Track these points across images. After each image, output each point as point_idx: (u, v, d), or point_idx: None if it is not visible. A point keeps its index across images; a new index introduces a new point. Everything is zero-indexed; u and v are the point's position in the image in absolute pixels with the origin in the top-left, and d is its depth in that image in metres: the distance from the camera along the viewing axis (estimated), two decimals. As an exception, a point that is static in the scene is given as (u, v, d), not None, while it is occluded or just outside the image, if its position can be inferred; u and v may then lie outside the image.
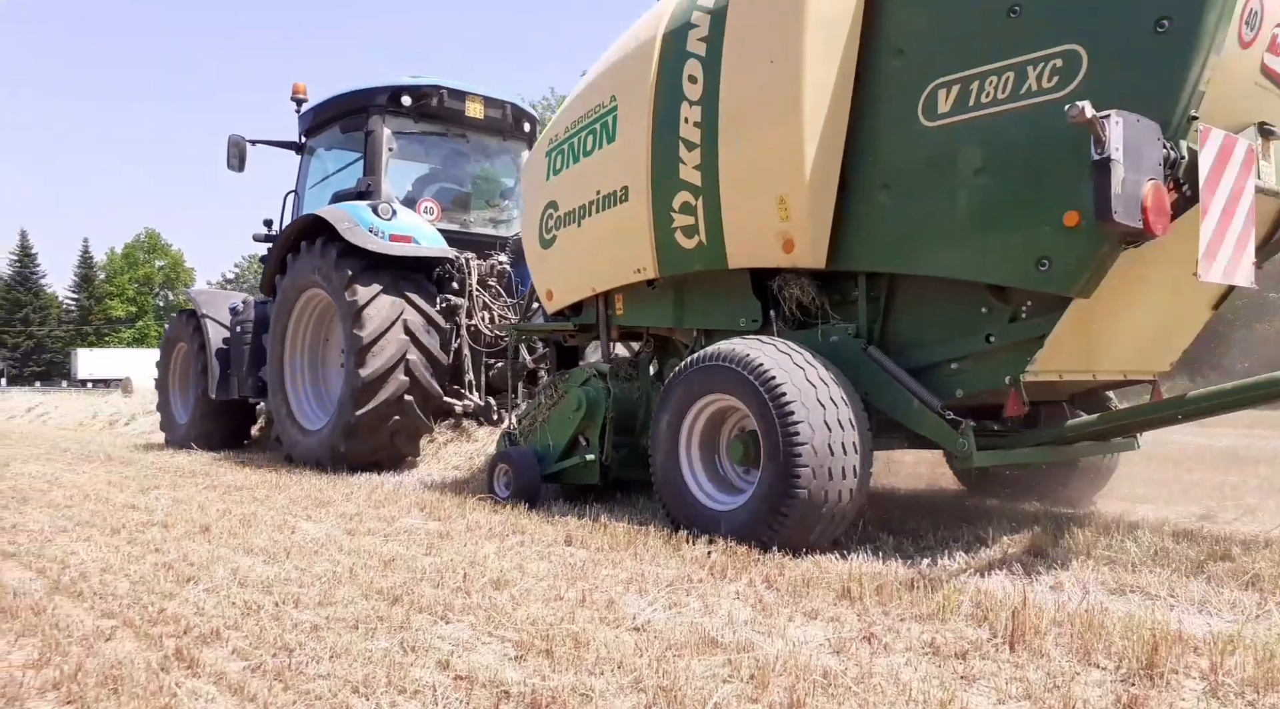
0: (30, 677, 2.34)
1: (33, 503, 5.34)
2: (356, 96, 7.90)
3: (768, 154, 4.15)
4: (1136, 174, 3.10)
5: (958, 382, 3.87)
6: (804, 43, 3.95)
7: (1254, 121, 3.59)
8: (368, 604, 3.01)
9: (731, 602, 2.98)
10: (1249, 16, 3.36)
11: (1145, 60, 3.28)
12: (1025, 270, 3.50)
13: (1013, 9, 3.55)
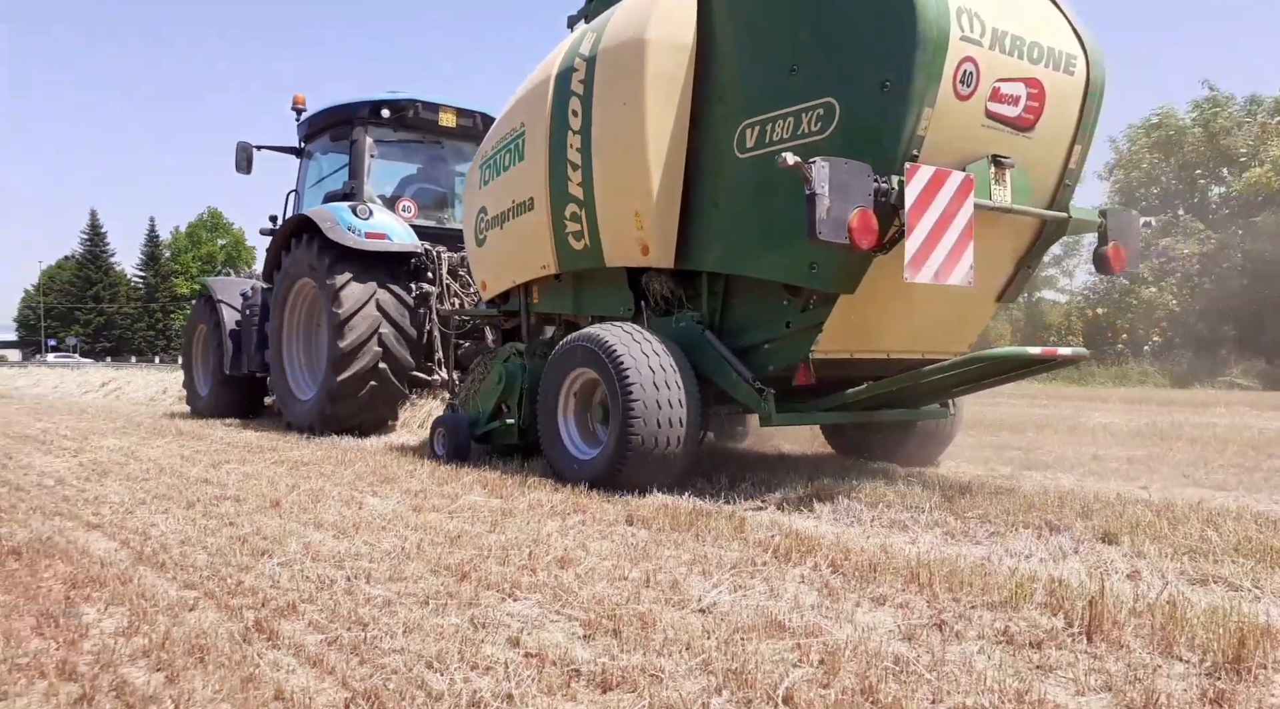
0: (121, 644, 2.43)
1: (112, 476, 5.53)
2: (343, 109, 9.08)
3: (624, 177, 5.14)
4: (844, 203, 3.97)
5: (769, 359, 4.83)
6: (645, 92, 4.96)
7: (987, 154, 4.39)
8: (436, 580, 3.06)
9: (797, 585, 2.97)
10: (963, 76, 4.19)
11: (876, 113, 4.17)
12: (802, 273, 4.45)
13: (792, 68, 4.51)
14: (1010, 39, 4.34)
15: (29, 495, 4.84)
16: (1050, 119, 4.59)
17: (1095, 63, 4.69)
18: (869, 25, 4.24)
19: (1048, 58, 4.50)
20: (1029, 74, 4.44)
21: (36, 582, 3.07)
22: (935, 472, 5.54)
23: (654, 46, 4.96)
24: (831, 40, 4.39)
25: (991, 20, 4.28)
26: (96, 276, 74.34)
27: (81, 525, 4.04)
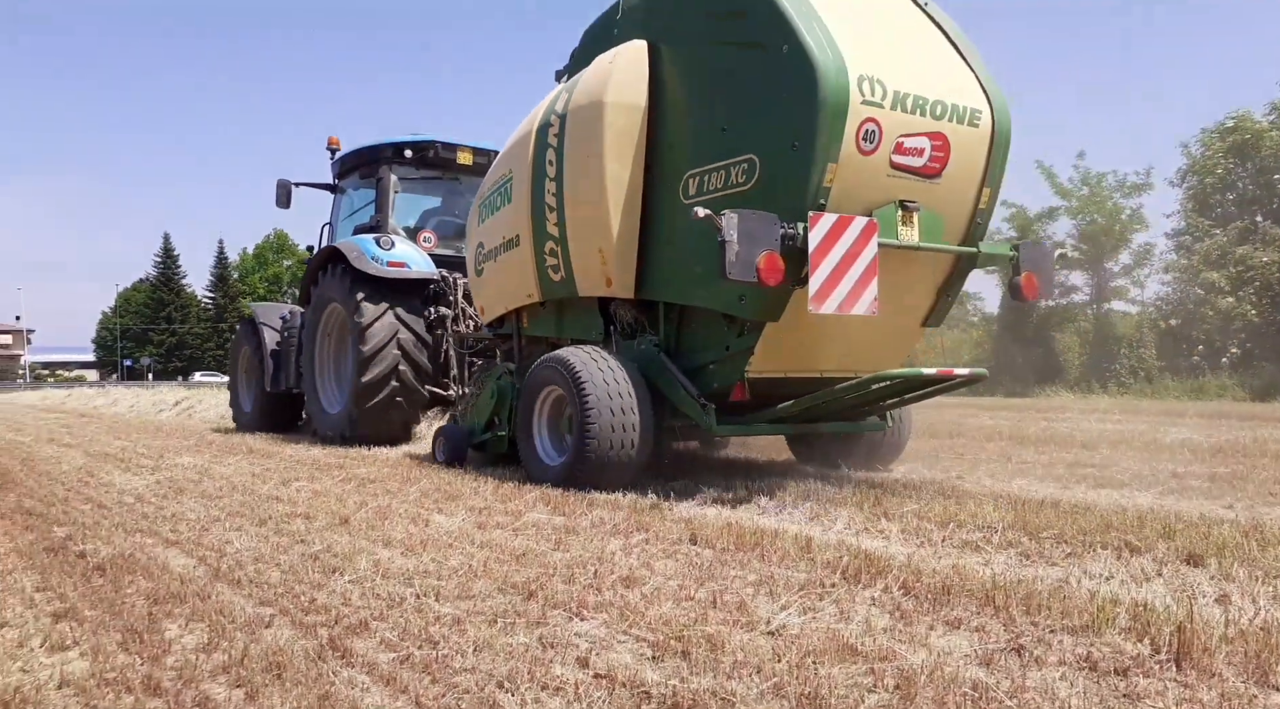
0: (202, 660, 2.49)
1: (188, 493, 5.69)
2: (370, 150, 9.97)
3: (590, 219, 5.84)
4: (752, 247, 4.63)
5: (713, 377, 5.49)
6: (604, 146, 5.67)
7: (894, 200, 5.03)
8: (504, 598, 3.08)
9: (868, 608, 2.91)
10: (865, 134, 4.84)
11: (787, 168, 4.84)
12: (734, 304, 5.11)
13: (723, 128, 5.22)
14: (913, 100, 5.01)
15: (111, 512, 5.01)
16: (957, 166, 5.22)
17: (1000, 115, 5.34)
18: (781, 93, 4.88)
19: (951, 114, 5.16)
20: (933, 129, 5.10)
21: (120, 597, 3.16)
22: (1007, 487, 5.40)
23: (611, 107, 5.67)
24: (753, 105, 5.07)
25: (894, 84, 4.93)
26: (169, 298, 76.96)
27: (161, 542, 4.16)
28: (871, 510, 4.55)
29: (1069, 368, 21.61)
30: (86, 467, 7.41)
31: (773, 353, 5.22)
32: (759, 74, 5.02)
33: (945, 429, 9.73)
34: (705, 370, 5.54)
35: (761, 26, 4.99)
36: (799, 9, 4.89)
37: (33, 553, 3.95)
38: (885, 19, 5.43)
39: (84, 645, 2.66)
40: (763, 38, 4.98)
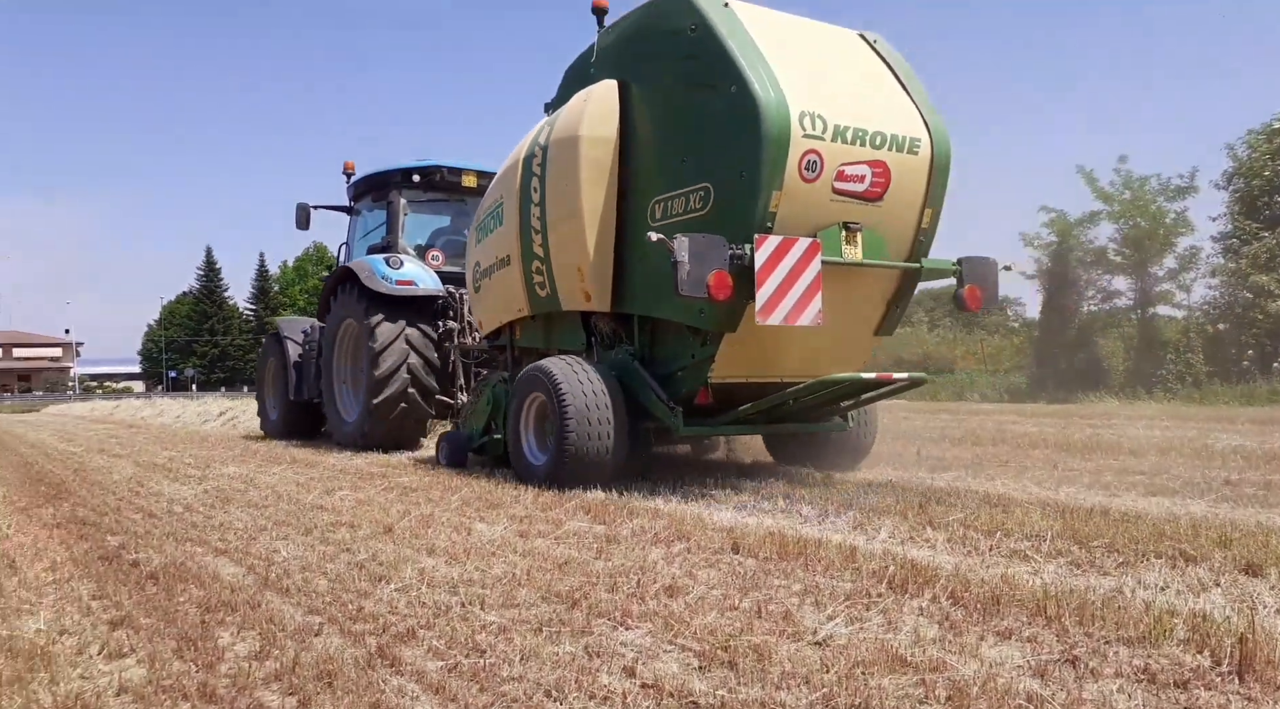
0: (255, 668, 2.53)
1: (234, 503, 5.79)
2: (381, 175, 10.59)
3: (569, 241, 6.37)
4: (702, 267, 5.15)
5: (681, 383, 6.01)
6: (580, 175, 6.20)
7: (838, 222, 5.55)
8: (548, 607, 3.08)
9: (916, 618, 2.88)
10: (807, 165, 5.35)
11: (737, 195, 5.38)
12: (694, 316, 5.65)
13: (682, 159, 5.79)
14: (853, 132, 5.54)
15: (161, 522, 5.10)
16: (898, 190, 5.74)
17: (939, 143, 5.86)
18: (730, 128, 5.43)
19: (891, 143, 5.68)
20: (873, 158, 5.62)
21: (174, 605, 3.22)
22: (1054, 495, 5.30)
23: (585, 141, 6.22)
24: (707, 138, 5.62)
25: (835, 118, 5.48)
26: (211, 310, 78.42)
27: (210, 551, 4.23)
28: (916, 519, 4.49)
29: (1113, 373, 21.18)
30: (136, 476, 7.56)
31: (733, 360, 5.76)
32: (712, 111, 5.56)
33: (988, 436, 9.59)
34: (674, 377, 6.08)
35: (713, 69, 5.52)
36: (746, 54, 5.40)
37: (88, 561, 4.04)
38: (833, 57, 6.00)
39: (140, 653, 2.71)
40: (714, 79, 5.51)
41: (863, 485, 5.75)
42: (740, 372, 5.87)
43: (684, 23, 5.75)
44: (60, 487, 7.01)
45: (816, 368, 5.93)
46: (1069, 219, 22.45)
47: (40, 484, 7.31)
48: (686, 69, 5.78)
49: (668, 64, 5.96)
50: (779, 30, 5.82)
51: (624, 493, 5.69)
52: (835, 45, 6.11)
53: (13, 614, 3.17)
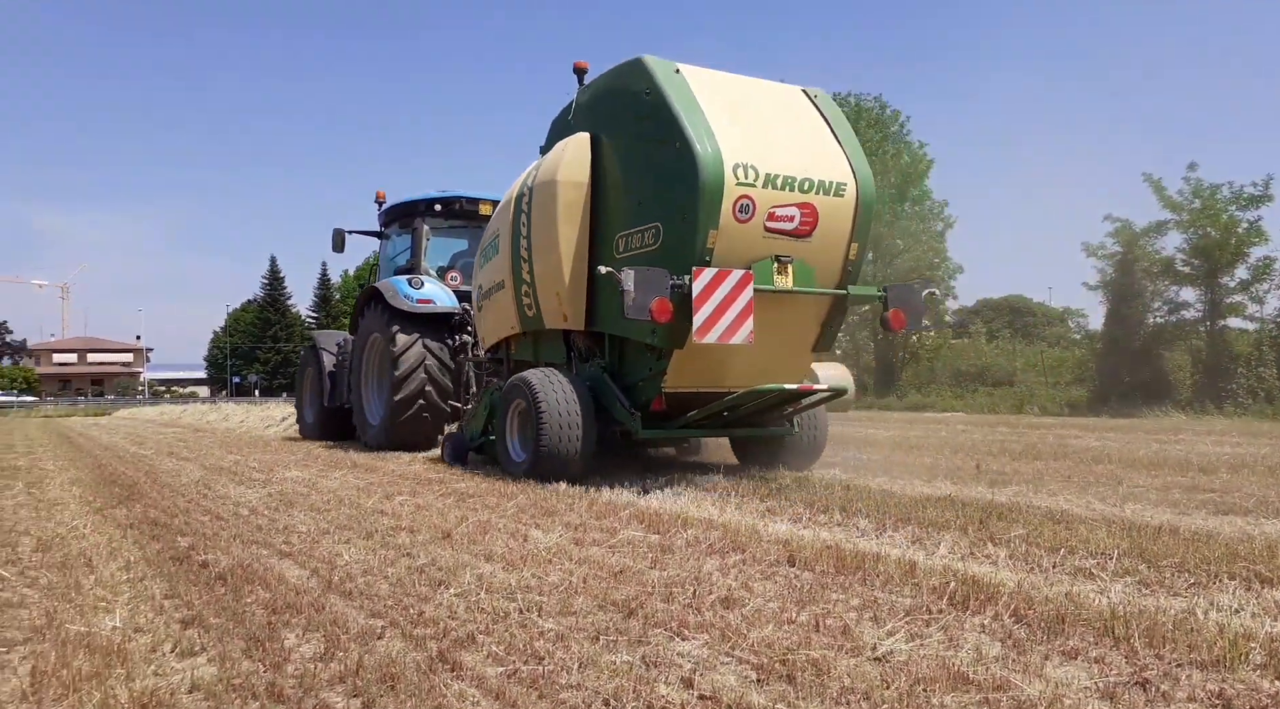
0: (320, 669, 2.58)
1: (297, 506, 5.92)
2: (407, 204, 11.73)
3: (550, 269, 7.36)
4: (646, 295, 6.11)
5: (642, 393, 6.97)
6: (558, 214, 7.20)
7: (771, 255, 6.49)
8: (604, 616, 3.10)
9: (978, 635, 2.83)
10: (741, 207, 6.31)
11: (680, 234, 6.35)
12: (649, 335, 6.58)
13: (639, 201, 6.76)
14: (782, 179, 6.48)
15: (228, 524, 5.24)
16: (825, 228, 6.69)
17: (864, 186, 6.83)
18: (675, 177, 6.38)
19: (819, 188, 6.63)
20: (801, 201, 6.57)
21: (241, 606, 3.31)
22: (1119, 512, 5.16)
23: (562, 185, 7.22)
24: (658, 184, 6.60)
25: (766, 168, 6.43)
26: (275, 318, 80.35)
27: (275, 553, 4.33)
28: (976, 534, 4.41)
29: (1180, 387, 20.54)
30: (203, 479, 7.78)
31: (683, 373, 6.71)
32: (662, 162, 6.53)
33: (1049, 451, 9.39)
34: (636, 387, 7.04)
35: (662, 127, 6.48)
36: (690, 115, 6.36)
37: (160, 562, 4.17)
38: (774, 113, 6.91)
39: (211, 652, 2.79)
40: (663, 136, 6.47)
41: (921, 499, 5.66)
42: (691, 383, 6.82)
43: (641, 87, 6.73)
44: (132, 488, 7.25)
45: (760, 379, 6.78)
46: (1134, 229, 21.87)
47: (114, 485, 7.56)
48: (643, 126, 6.75)
49: (629, 121, 6.94)
50: (726, 91, 6.80)
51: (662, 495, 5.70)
52: (778, 102, 7.07)
53: (90, 611, 3.29)
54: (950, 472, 7.38)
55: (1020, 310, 52.73)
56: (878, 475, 7.20)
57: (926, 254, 27.79)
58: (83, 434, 17.63)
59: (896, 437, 11.95)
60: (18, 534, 5.03)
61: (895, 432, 13.16)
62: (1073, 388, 22.99)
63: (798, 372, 7.13)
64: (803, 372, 7.25)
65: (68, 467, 9.65)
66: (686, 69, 6.72)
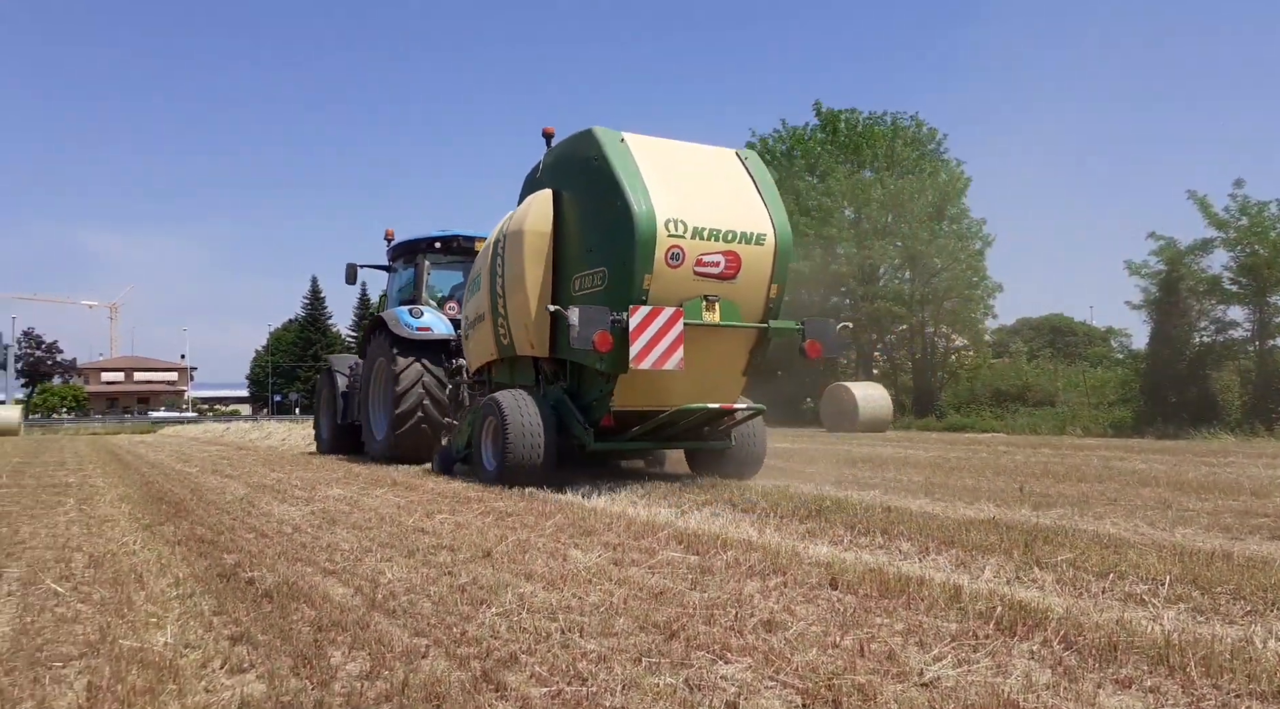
0: (366, 687, 2.61)
1: (340, 524, 5.99)
2: (412, 242, 13.11)
3: (519, 305, 8.54)
4: (589, 329, 7.27)
5: (594, 411, 8.13)
6: (525, 258, 8.38)
7: (700, 295, 7.64)
8: (646, 637, 3.09)
9: (1027, 662, 2.78)
10: (671, 255, 7.43)
11: (620, 278, 7.46)
12: (598, 361, 7.66)
13: (590, 249, 7.94)
14: (709, 231, 7.63)
15: (272, 542, 5.32)
16: (748, 272, 7.84)
17: (782, 236, 7.97)
18: (617, 229, 7.52)
19: (741, 237, 7.77)
20: (726, 249, 7.72)
21: (288, 623, 3.35)
22: (1169, 537, 5.04)
23: (528, 234, 8.41)
24: (604, 234, 7.77)
25: (694, 221, 7.58)
26: (315, 337, 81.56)
27: (319, 571, 4.38)
28: (1022, 558, 4.34)
29: (1228, 408, 20.04)
30: (248, 497, 7.90)
31: (628, 394, 7.83)
32: (607, 216, 7.66)
33: (1093, 473, 9.21)
34: (591, 406, 8.19)
35: (608, 188, 7.62)
36: (629, 178, 7.51)
37: (208, 578, 4.24)
38: (706, 173, 8.11)
39: (259, 669, 2.83)
40: (608, 195, 7.62)
41: (963, 522, 5.59)
42: (635, 402, 7.91)
43: (592, 153, 7.89)
44: (179, 505, 7.38)
45: (697, 400, 7.93)
46: (1179, 246, 21.46)
47: (161, 502, 7.70)
48: (593, 186, 7.89)
49: (582, 181, 8.12)
50: (664, 156, 7.96)
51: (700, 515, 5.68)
52: (710, 163, 8.24)
53: (142, 627, 3.35)
54: (993, 494, 7.28)
55: (1061, 329, 51.92)
56: (918, 497, 7.11)
57: (965, 272, 27.49)
58: (130, 452, 17.98)
59: (936, 457, 11.80)
60: (70, 550, 5.14)
61: (935, 452, 12.99)
62: (1116, 408, 22.52)
63: (730, 393, 8.27)
64: (734, 393, 8.34)
65: (117, 483, 9.86)
66: (631, 138, 7.93)
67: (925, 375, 28.63)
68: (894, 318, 28.19)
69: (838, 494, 7.29)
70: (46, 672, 2.84)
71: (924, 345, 28.83)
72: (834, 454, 12.66)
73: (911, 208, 28.07)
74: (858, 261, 28.63)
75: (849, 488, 7.81)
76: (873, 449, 13.98)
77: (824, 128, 34.04)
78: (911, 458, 11.77)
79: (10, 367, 70.60)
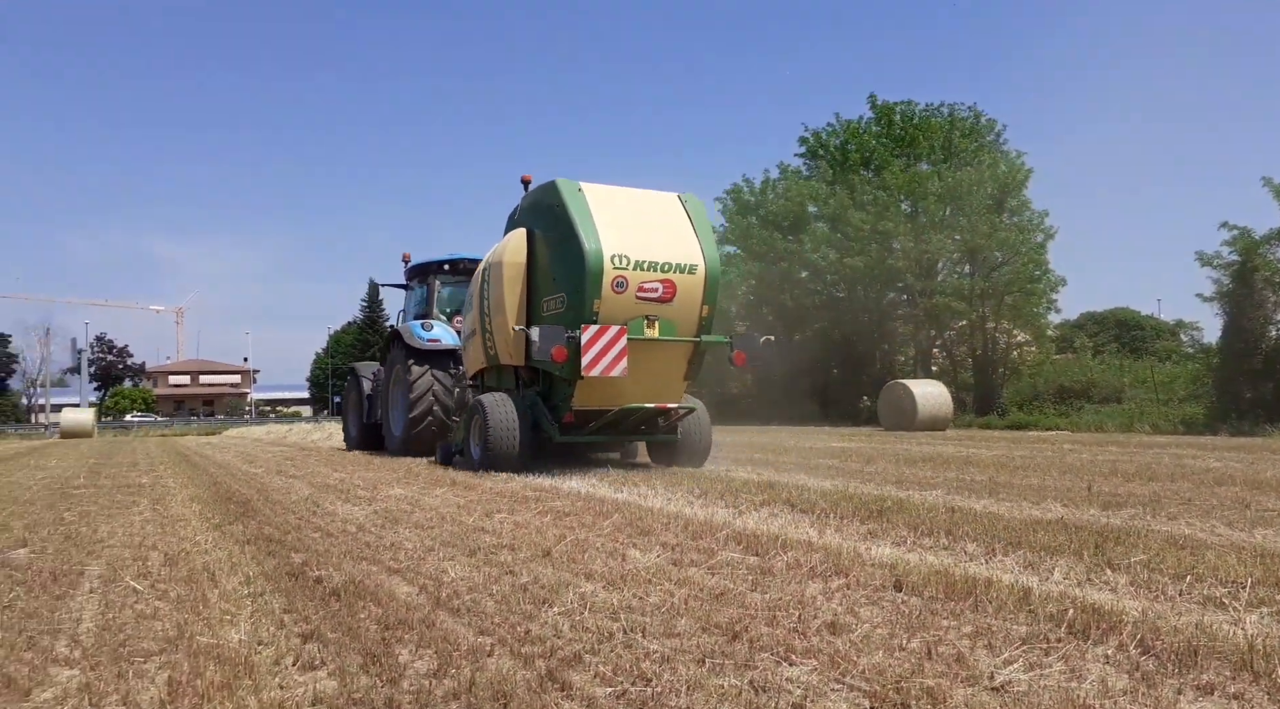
0: (434, 685, 2.65)
1: (402, 523, 6.09)
2: (423, 264, 15.26)
3: (501, 323, 10.29)
4: (548, 344, 9.10)
5: (560, 410, 9.79)
6: (504, 284, 10.18)
7: (642, 315, 9.37)
8: (709, 638, 3.09)
9: (1101, 666, 2.71)
10: (616, 284, 9.16)
11: (576, 301, 9.26)
12: (560, 369, 9.37)
13: (554, 278, 9.69)
14: (649, 263, 9.37)
15: (338, 541, 5.43)
16: (682, 296, 9.55)
17: (711, 266, 9.66)
18: (573, 262, 9.31)
19: (676, 268, 9.50)
20: (663, 277, 9.45)
21: (355, 621, 3.42)
22: (1248, 539, 4.86)
23: (506, 265, 10.25)
24: (565, 266, 9.52)
25: (637, 255, 9.33)
26: (373, 339, 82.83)
27: (384, 570, 4.46)
28: (1092, 560, 4.23)
29: (1309, 404, 19.26)
30: (312, 497, 8.07)
31: (587, 396, 9.53)
32: (566, 252, 9.44)
33: (1165, 472, 8.93)
34: (557, 406, 9.91)
35: (566, 229, 9.41)
36: (583, 221, 9.27)
37: (277, 577, 4.35)
38: (649, 214, 9.80)
39: (330, 666, 2.89)
40: (566, 235, 9.41)
41: (1030, 522, 5.46)
42: (592, 403, 9.61)
43: (554, 201, 9.64)
44: (247, 505, 7.58)
45: (644, 401, 9.70)
46: (1254, 236, 20.70)
47: (229, 502, 7.91)
48: (556, 227, 9.66)
49: (548, 222, 9.87)
50: (614, 201, 9.66)
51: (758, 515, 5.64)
52: (654, 206, 9.95)
53: (216, 624, 3.45)
54: (1059, 493, 7.10)
55: (1127, 323, 50.42)
56: (982, 497, 6.97)
57: (1026, 266, 26.85)
58: (198, 453, 18.52)
59: (1000, 456, 11.56)
60: (146, 549, 5.31)
61: (998, 451, 12.73)
62: (1187, 405, 21.80)
63: (673, 395, 9.99)
64: (677, 395, 10.04)
65: (187, 484, 10.16)
66: (587, 187, 9.65)
67: (986, 372, 28.05)
68: (953, 313, 27.67)
69: (899, 494, 7.19)
70: (130, 666, 2.93)
71: (984, 341, 28.25)
72: (893, 453, 12.49)
73: (970, 200, 27.52)
74: (915, 256, 28.17)
75: (910, 488, 7.69)
76: (933, 448, 13.75)
77: (879, 120, 33.56)
78: (973, 457, 11.55)
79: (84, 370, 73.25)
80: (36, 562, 4.91)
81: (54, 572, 4.58)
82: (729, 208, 35.04)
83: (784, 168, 34.85)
